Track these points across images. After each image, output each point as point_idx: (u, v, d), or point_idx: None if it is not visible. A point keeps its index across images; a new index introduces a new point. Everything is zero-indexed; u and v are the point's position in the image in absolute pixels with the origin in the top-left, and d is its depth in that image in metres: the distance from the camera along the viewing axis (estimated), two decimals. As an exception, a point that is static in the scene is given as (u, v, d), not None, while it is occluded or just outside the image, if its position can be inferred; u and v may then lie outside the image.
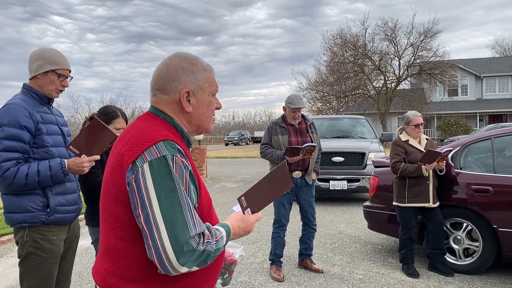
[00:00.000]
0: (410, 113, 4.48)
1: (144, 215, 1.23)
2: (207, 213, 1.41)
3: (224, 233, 1.36)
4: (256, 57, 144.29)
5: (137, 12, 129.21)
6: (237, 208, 1.62)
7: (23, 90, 2.45)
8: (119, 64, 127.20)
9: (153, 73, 1.46)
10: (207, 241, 1.27)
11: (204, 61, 1.49)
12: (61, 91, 2.49)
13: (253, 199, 1.53)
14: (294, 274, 4.47)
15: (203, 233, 1.28)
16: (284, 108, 4.44)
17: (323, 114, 31.41)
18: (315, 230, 4.60)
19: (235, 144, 49.63)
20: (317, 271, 4.51)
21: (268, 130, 4.52)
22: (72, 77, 2.52)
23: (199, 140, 14.01)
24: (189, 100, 1.43)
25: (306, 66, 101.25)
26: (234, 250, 4.07)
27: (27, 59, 2.46)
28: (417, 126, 4.38)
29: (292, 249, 5.32)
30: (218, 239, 1.32)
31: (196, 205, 1.35)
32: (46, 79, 2.41)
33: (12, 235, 2.52)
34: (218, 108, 1.53)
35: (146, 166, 1.25)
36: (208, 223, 1.36)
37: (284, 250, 5.22)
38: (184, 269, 1.23)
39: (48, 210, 2.35)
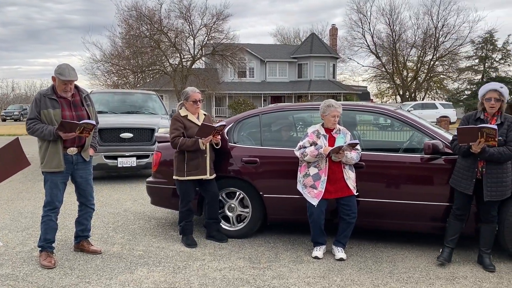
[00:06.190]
0: (189, 89, 4.60)
1: None
2: None
3: None
4: (43, 21, 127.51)
5: None
6: None
7: None
8: None
9: None
10: None
11: None
12: None
13: None
14: (68, 259, 4.13)
15: None
16: (54, 79, 3.96)
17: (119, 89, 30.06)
18: (93, 210, 4.34)
19: (15, 120, 43.49)
20: (95, 252, 4.28)
21: (36, 103, 3.97)
22: None
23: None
24: None
25: (101, 37, 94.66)
26: (-15, 242, 3.46)
27: None
28: (195, 102, 4.52)
29: (70, 232, 4.92)
30: None
31: None
32: None
33: None
34: None
35: None
36: None
37: (60, 234, 4.83)
38: None
39: None
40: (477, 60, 42.23)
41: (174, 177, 4.54)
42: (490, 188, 3.75)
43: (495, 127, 3.52)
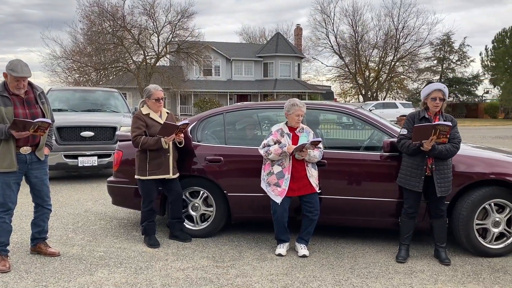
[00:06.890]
0: (151, 86, 4.51)
1: None
2: None
3: None
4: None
5: None
6: None
7: None
8: None
9: None
10: None
11: None
12: None
13: None
14: (24, 262, 3.98)
15: None
16: (5, 75, 3.80)
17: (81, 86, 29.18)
18: (50, 211, 4.20)
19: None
20: (53, 254, 4.14)
21: None
22: None
23: None
24: None
25: (61, 33, 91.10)
26: None
27: None
28: (157, 100, 4.44)
29: (26, 234, 4.74)
30: None
31: None
32: None
33: None
34: None
35: None
36: None
37: (15, 237, 4.66)
38: None
39: None
40: (435, 61, 43.85)
41: (136, 176, 4.45)
42: (440, 184, 3.90)
43: (450, 124, 3.67)
